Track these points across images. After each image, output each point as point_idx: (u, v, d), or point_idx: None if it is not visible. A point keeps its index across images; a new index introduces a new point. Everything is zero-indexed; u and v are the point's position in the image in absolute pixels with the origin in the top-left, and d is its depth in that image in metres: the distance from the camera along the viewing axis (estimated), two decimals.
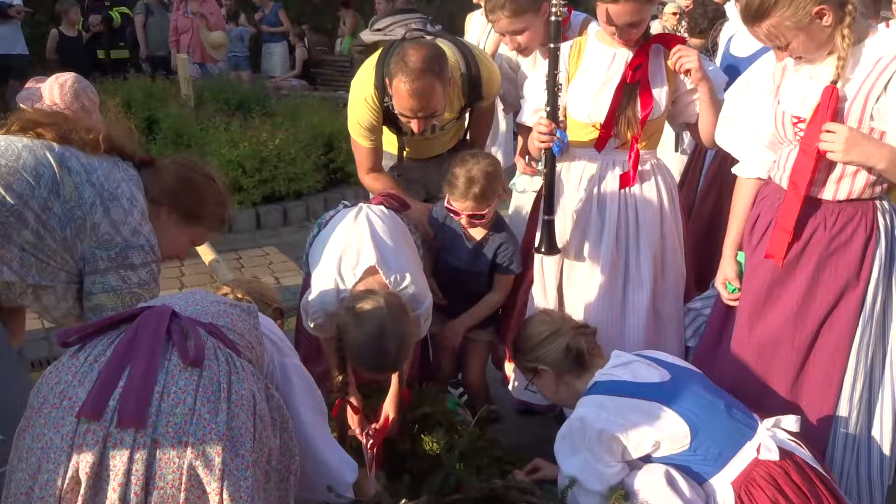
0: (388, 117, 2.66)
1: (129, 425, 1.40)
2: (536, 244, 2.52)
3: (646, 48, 2.41)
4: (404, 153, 2.83)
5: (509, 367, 2.66)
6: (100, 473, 1.40)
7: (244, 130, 5.85)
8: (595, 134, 2.46)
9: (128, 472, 1.39)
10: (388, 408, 2.32)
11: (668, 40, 2.46)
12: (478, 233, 2.62)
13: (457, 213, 2.53)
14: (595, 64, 2.47)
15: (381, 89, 2.56)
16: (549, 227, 2.48)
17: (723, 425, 1.92)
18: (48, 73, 3.21)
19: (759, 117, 2.14)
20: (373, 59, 2.64)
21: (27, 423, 1.52)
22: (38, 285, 1.89)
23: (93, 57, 8.19)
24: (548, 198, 2.47)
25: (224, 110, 6.65)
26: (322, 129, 6.27)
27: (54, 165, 1.92)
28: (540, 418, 2.92)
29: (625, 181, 2.46)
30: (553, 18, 2.33)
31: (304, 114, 6.63)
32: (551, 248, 2.49)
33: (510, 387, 2.70)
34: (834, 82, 1.91)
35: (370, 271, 2.17)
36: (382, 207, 2.44)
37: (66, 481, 1.39)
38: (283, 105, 7.12)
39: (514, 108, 2.94)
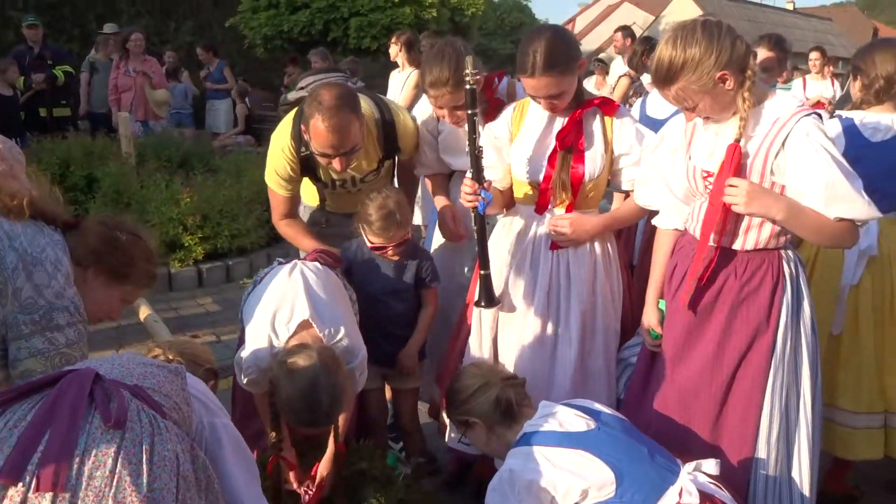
0: (307, 168, 2.74)
1: (48, 489, 1.39)
2: (476, 298, 2.60)
3: (576, 115, 2.48)
4: (326, 206, 2.91)
5: (445, 418, 2.69)
6: None
7: (187, 187, 5.83)
8: (534, 193, 2.56)
9: None
10: (323, 468, 2.32)
11: (602, 103, 2.53)
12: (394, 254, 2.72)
13: (383, 248, 2.62)
14: (532, 127, 2.57)
15: (298, 139, 2.65)
16: (486, 281, 2.56)
17: (646, 471, 1.97)
18: None
19: (674, 172, 2.27)
20: (291, 113, 2.73)
21: None
22: None
23: (34, 116, 8.10)
24: (481, 253, 2.55)
25: (166, 167, 6.63)
26: (265, 184, 6.26)
27: None
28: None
29: (555, 244, 2.55)
30: (468, 87, 2.39)
31: (247, 169, 6.65)
32: (490, 300, 2.56)
33: (446, 437, 2.73)
34: (737, 140, 2.05)
35: (304, 325, 2.20)
36: (317, 263, 2.48)
37: None
38: (226, 161, 7.14)
39: (430, 170, 3.01)
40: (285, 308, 2.24)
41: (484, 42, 22.96)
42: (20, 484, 1.39)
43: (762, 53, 3.67)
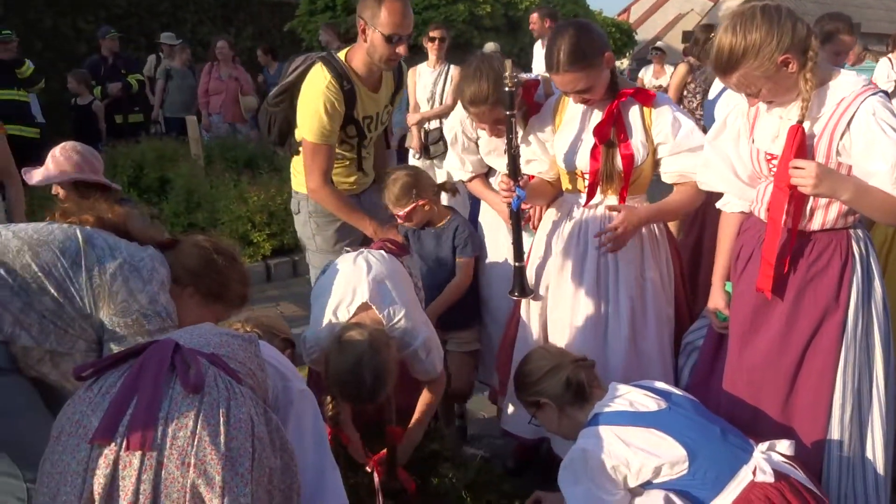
0: (348, 107, 2.84)
1: (137, 448, 1.54)
2: (510, 288, 2.68)
3: (612, 107, 2.50)
4: (358, 180, 3.05)
5: (503, 401, 2.76)
6: (111, 493, 1.53)
7: (254, 186, 6.04)
8: (580, 183, 2.60)
9: (136, 492, 1.53)
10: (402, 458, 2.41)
11: (636, 93, 2.55)
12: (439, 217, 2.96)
13: (402, 217, 2.87)
14: (573, 118, 2.62)
15: (339, 76, 2.77)
16: (520, 273, 2.66)
17: (719, 450, 2.00)
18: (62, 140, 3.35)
19: (738, 156, 2.27)
20: (318, 65, 2.83)
21: (48, 451, 1.65)
22: (56, 352, 1.99)
23: (110, 123, 8.49)
24: (516, 246, 2.64)
25: (233, 168, 6.86)
26: None
27: (80, 240, 2.06)
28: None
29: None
30: (507, 89, 2.47)
31: None
32: (523, 291, 2.66)
33: (501, 421, 2.79)
34: (800, 122, 2.05)
35: (363, 307, 2.29)
36: (382, 252, 2.57)
37: (82, 502, 1.52)
38: (290, 160, 7.32)
39: (472, 173, 3.10)
40: (347, 292, 2.34)
41: None
42: (113, 444, 1.55)
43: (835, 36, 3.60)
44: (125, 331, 2.02)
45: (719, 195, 2.45)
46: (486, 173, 3.12)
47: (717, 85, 3.67)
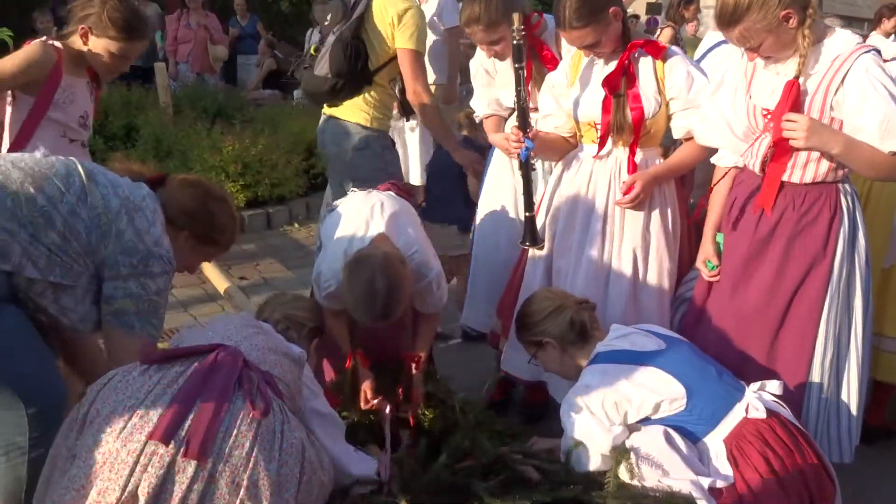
0: None
1: (193, 457, 1.55)
2: (521, 238, 2.74)
3: (623, 59, 2.54)
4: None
5: (504, 344, 2.83)
6: (159, 495, 1.53)
7: (227, 136, 5.93)
8: (593, 134, 2.65)
9: (184, 500, 1.54)
10: (417, 383, 2.47)
11: (646, 44, 2.58)
12: None
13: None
14: (587, 71, 2.66)
15: None
16: (531, 223, 2.72)
17: (715, 388, 2.10)
18: None
19: (734, 112, 2.34)
20: None
21: (89, 423, 1.63)
22: (60, 284, 1.97)
23: None
24: (526, 196, 2.70)
25: (202, 118, 6.71)
26: (303, 136, 6.38)
27: (83, 176, 2.03)
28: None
29: (626, 188, 2.61)
30: (514, 42, 2.52)
31: (283, 122, 6.73)
32: (534, 241, 2.72)
33: (502, 363, 2.87)
34: (796, 77, 2.13)
35: (379, 239, 2.31)
36: (390, 192, 2.59)
37: (125, 494, 1.52)
38: (261, 112, 7.22)
39: (489, 110, 3.16)
40: (361, 225, 2.36)
41: None
42: (170, 445, 1.55)
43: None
44: (128, 270, 2.00)
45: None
46: (507, 118, 3.13)
47: (703, 46, 3.72)
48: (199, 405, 1.61)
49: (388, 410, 2.31)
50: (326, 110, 3.31)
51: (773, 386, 2.17)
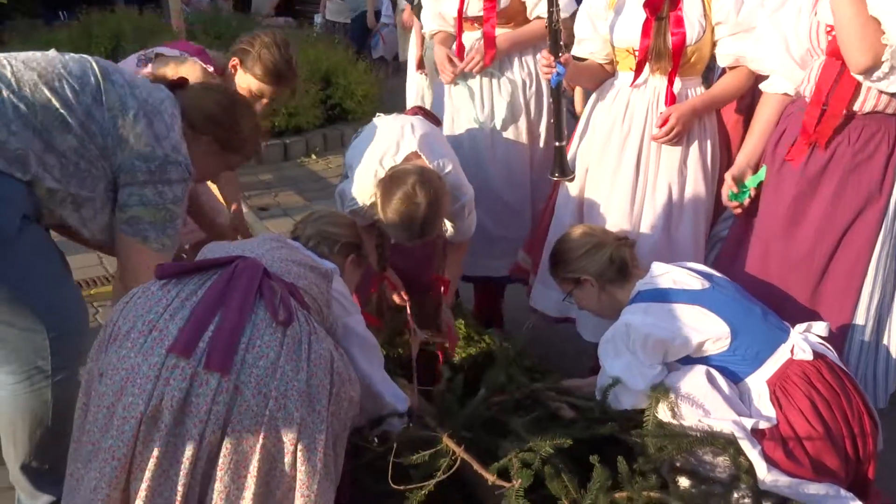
0: None
1: (215, 368, 1.49)
2: (551, 169, 2.65)
3: None
4: None
5: (532, 280, 2.76)
6: (183, 408, 1.48)
7: None
8: (633, 60, 2.51)
9: (209, 412, 1.48)
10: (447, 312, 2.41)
11: None
12: None
13: None
14: None
15: None
16: (560, 153, 2.61)
17: (760, 328, 2.03)
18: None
19: (795, 32, 2.19)
20: None
21: (111, 341, 1.58)
22: (79, 195, 1.90)
23: None
24: (556, 125, 2.59)
25: (215, 45, 6.53)
26: (319, 64, 6.21)
27: (98, 75, 1.93)
28: (560, 333, 2.99)
29: (661, 121, 2.49)
30: None
31: (300, 49, 6.52)
32: (563, 172, 2.62)
33: (531, 299, 2.81)
34: None
35: (411, 157, 2.23)
36: (419, 116, 2.49)
37: (150, 408, 1.47)
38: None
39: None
40: (391, 145, 2.26)
41: None
42: (191, 359, 1.49)
43: None
44: (145, 177, 1.93)
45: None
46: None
47: None
48: (220, 316, 1.55)
49: (416, 336, 2.26)
50: None
51: (820, 328, 2.09)
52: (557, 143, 2.60)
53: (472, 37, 2.87)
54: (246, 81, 2.62)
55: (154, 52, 2.61)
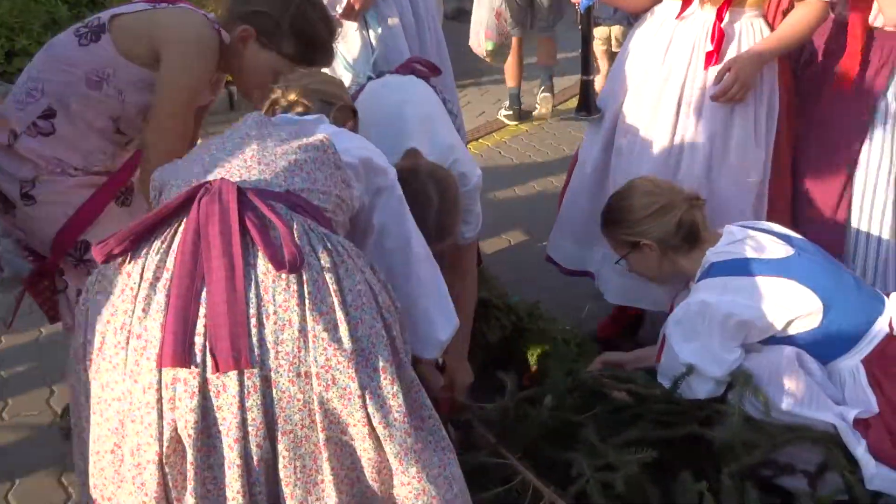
0: None
1: (230, 368, 1.11)
2: (577, 107, 2.40)
3: None
4: None
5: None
6: (207, 429, 1.13)
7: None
8: None
9: (243, 424, 1.12)
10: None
11: None
12: None
13: None
14: None
15: None
16: (588, 88, 2.36)
17: (853, 299, 1.77)
18: None
19: None
20: None
21: (88, 362, 1.20)
22: None
23: None
24: (583, 57, 2.34)
25: None
26: None
27: None
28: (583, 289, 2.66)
29: (708, 60, 2.16)
30: None
31: None
32: (589, 110, 2.36)
33: (548, 250, 2.55)
34: None
35: (410, 154, 1.86)
36: (412, 77, 2.11)
37: (166, 443, 1.12)
38: None
39: None
40: (386, 140, 1.76)
41: None
42: (193, 367, 1.11)
43: None
44: None
45: None
46: None
47: None
48: (207, 290, 1.13)
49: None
50: None
51: None
52: (584, 77, 2.36)
53: None
54: (266, 60, 1.81)
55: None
